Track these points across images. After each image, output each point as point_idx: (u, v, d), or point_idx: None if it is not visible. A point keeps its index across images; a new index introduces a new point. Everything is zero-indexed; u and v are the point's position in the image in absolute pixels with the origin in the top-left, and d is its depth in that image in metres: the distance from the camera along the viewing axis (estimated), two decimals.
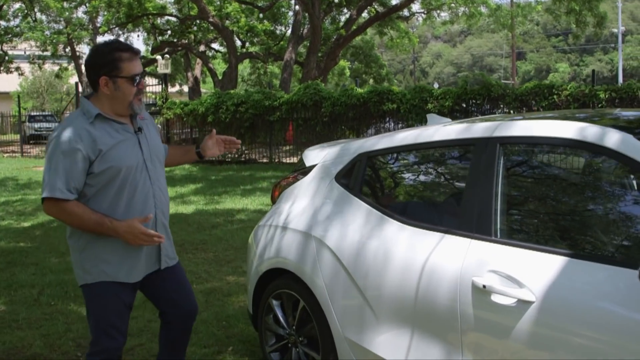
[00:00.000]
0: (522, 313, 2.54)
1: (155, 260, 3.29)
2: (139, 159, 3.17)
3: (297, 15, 25.95)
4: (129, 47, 3.16)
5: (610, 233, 2.63)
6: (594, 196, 2.75)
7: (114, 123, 3.13)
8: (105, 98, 3.11)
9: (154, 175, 3.25)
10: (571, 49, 77.95)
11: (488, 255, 2.75)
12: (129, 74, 3.08)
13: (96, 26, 30.77)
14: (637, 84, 13.60)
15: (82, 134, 3.02)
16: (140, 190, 3.17)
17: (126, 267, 3.17)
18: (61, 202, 3.01)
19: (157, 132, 3.45)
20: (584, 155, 2.79)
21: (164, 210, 3.30)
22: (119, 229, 3.03)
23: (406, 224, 3.17)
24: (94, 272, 3.14)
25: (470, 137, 3.08)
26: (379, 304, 3.17)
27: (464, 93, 15.20)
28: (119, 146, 3.10)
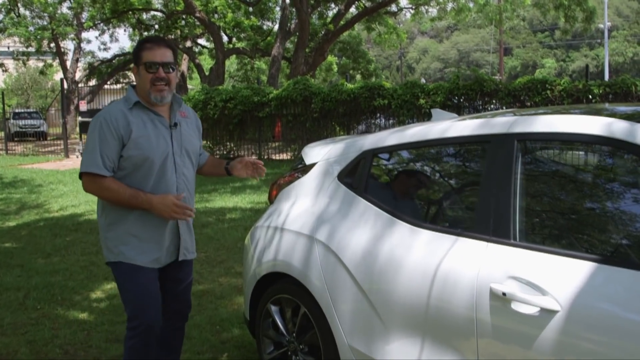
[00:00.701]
0: (545, 323, 2.37)
1: (174, 251, 3.42)
2: (167, 151, 3.32)
3: (285, 10, 25.75)
4: (155, 38, 3.43)
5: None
6: (621, 196, 2.57)
7: (151, 113, 3.31)
8: (138, 88, 3.34)
9: (181, 169, 3.39)
10: (557, 45, 78.07)
11: (507, 260, 2.57)
12: (146, 61, 3.25)
13: (81, 22, 30.46)
14: (631, 79, 13.49)
15: (118, 117, 3.22)
16: (164, 182, 3.31)
17: (147, 251, 3.32)
18: (98, 178, 3.20)
19: (196, 132, 3.59)
20: (611, 153, 2.61)
21: (187, 203, 3.35)
22: (153, 201, 3.21)
23: (417, 227, 2.98)
24: (116, 251, 3.32)
25: (485, 134, 2.89)
26: (388, 311, 2.99)
27: (455, 88, 15.04)
28: (149, 136, 3.26)
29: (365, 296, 3.09)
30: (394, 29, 30.76)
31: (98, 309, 5.55)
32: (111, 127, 3.19)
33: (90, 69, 33.43)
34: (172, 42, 4.25)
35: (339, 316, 3.22)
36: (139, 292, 3.33)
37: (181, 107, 3.46)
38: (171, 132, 3.36)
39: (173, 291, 3.54)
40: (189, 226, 3.49)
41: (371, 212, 3.23)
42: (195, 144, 3.53)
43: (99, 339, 4.84)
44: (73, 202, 11.59)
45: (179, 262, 3.47)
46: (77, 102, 29.91)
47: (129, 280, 3.34)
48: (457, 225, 2.94)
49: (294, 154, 17.50)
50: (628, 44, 71.07)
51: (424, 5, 29.04)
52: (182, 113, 3.48)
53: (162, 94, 3.29)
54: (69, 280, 6.44)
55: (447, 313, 2.71)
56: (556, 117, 2.73)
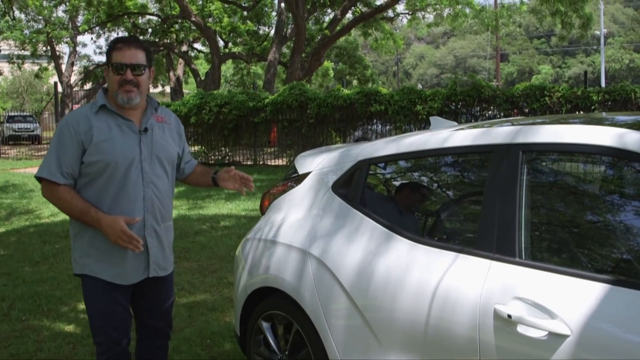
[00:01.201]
0: (554, 348, 2.20)
1: (145, 267, 3.20)
2: (133, 157, 3.10)
3: (281, 15, 25.61)
4: (127, 38, 3.22)
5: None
6: (635, 212, 2.41)
7: (119, 118, 3.13)
8: (108, 89, 3.16)
9: (150, 177, 3.16)
10: (553, 51, 78.14)
11: (512, 280, 2.41)
12: (114, 61, 3.09)
13: (76, 25, 30.31)
14: (630, 86, 13.36)
15: (80, 120, 3.06)
16: (128, 190, 3.10)
17: (109, 266, 3.12)
18: (52, 185, 3.04)
19: (176, 139, 3.38)
20: (623, 165, 2.45)
21: (157, 216, 3.20)
22: (102, 221, 2.99)
23: (415, 242, 2.82)
24: (80, 263, 3.15)
25: (488, 144, 2.73)
26: (385, 329, 2.82)
27: (453, 94, 14.90)
28: (113, 141, 3.07)
29: (360, 314, 2.92)
30: (390, 34, 30.65)
31: (85, 321, 5.37)
32: (72, 131, 3.03)
33: (86, 72, 33.23)
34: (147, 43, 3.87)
35: (333, 334, 3.06)
36: (100, 309, 3.16)
37: (158, 112, 3.28)
38: (140, 138, 3.15)
39: (151, 309, 3.36)
40: (160, 240, 3.23)
41: (367, 225, 3.07)
42: (172, 151, 3.30)
43: (84, 352, 4.67)
44: None
45: (154, 279, 3.25)
46: (72, 105, 29.74)
47: (91, 296, 3.18)
48: (458, 241, 2.78)
49: (290, 160, 17.35)
50: (624, 50, 71.17)
51: (421, 10, 28.93)
52: (158, 118, 3.27)
53: (129, 95, 3.09)
54: (56, 290, 6.26)
55: (448, 333, 2.54)
56: (564, 127, 2.57)
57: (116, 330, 3.17)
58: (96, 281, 3.12)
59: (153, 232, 3.18)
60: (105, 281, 3.12)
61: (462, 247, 2.64)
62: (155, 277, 3.24)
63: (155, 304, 3.35)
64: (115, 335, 3.17)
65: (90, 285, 3.15)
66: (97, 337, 3.20)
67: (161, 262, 3.25)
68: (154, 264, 3.21)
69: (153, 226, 3.18)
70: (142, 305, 3.33)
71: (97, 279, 3.12)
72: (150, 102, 3.24)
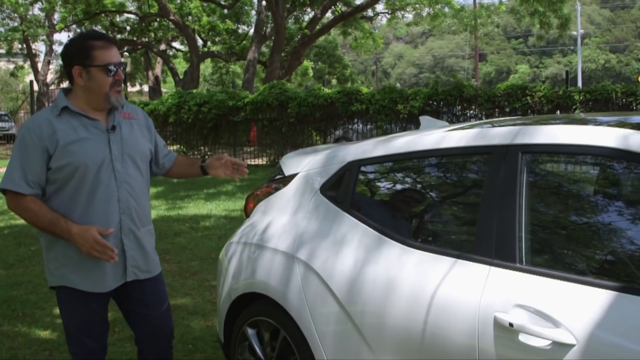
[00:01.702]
0: (559, 358, 2.10)
1: (123, 272, 3.04)
2: (103, 157, 2.95)
3: (260, 14, 25.45)
4: (103, 35, 3.04)
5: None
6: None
7: (83, 118, 2.96)
8: (80, 90, 2.97)
9: (123, 177, 3.01)
10: (531, 51, 78.77)
11: (512, 287, 2.30)
12: (103, 62, 2.91)
13: (53, 23, 29.92)
14: (611, 86, 13.39)
15: (42, 125, 2.89)
16: (101, 192, 2.94)
17: (87, 274, 2.95)
18: (18, 196, 2.87)
19: (146, 134, 3.23)
20: (628, 168, 2.35)
21: (134, 217, 3.05)
22: (72, 231, 2.83)
23: (410, 247, 2.70)
24: (57, 274, 2.98)
25: (485, 145, 2.63)
26: (377, 338, 2.70)
27: (434, 94, 14.85)
28: (81, 142, 2.91)
29: (351, 320, 2.80)
30: (370, 33, 30.62)
31: (61, 327, 5.15)
32: (34, 137, 2.86)
33: (62, 71, 32.86)
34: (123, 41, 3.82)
35: (322, 341, 2.94)
36: (76, 319, 3.02)
37: (124, 108, 3.12)
38: (109, 137, 2.99)
39: (141, 315, 3.17)
40: (139, 241, 3.07)
41: (358, 229, 2.94)
42: (144, 147, 3.15)
43: (61, 359, 4.52)
44: None
45: (139, 282, 3.09)
46: (47, 104, 29.35)
47: (67, 307, 3.03)
48: (455, 246, 2.66)
49: (270, 159, 17.22)
50: (600, 51, 71.94)
51: (400, 10, 28.92)
52: (125, 114, 3.11)
53: (120, 95, 3.00)
54: (32, 294, 6.08)
55: (444, 342, 2.43)
56: (565, 128, 2.47)
57: (93, 341, 3.06)
58: (73, 291, 2.97)
59: (131, 234, 3.03)
60: (82, 291, 2.97)
61: (459, 253, 2.53)
62: (140, 280, 3.08)
63: (148, 308, 3.16)
64: (91, 345, 3.05)
65: (66, 296, 3.00)
66: (72, 347, 3.08)
67: (142, 265, 3.09)
68: (133, 267, 3.05)
69: (130, 228, 3.03)
70: (135, 312, 3.17)
71: (71, 290, 2.97)
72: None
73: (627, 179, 2.40)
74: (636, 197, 2.37)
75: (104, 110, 3.01)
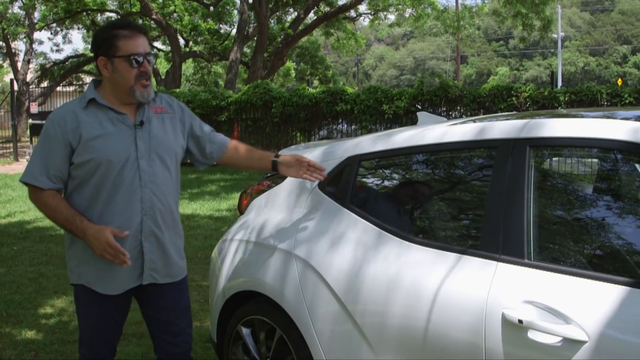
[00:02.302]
0: (570, 355, 2.05)
1: (139, 275, 2.87)
2: (128, 155, 2.77)
3: (243, 14, 25.32)
4: (130, 23, 2.85)
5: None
6: None
7: (110, 112, 2.79)
8: (107, 82, 2.82)
9: (149, 176, 2.82)
10: (511, 54, 79.15)
11: (520, 282, 2.25)
12: (126, 52, 2.73)
13: (33, 22, 29.61)
14: (596, 87, 13.47)
15: (67, 118, 2.75)
16: (123, 192, 2.78)
17: (103, 275, 2.82)
18: (37, 190, 2.77)
19: (177, 128, 3.00)
20: (638, 161, 2.32)
21: (157, 219, 2.85)
22: (87, 231, 2.69)
23: (413, 243, 2.65)
24: (76, 272, 2.88)
25: (492, 138, 2.58)
26: (378, 336, 2.65)
27: (420, 94, 14.85)
28: (105, 138, 2.75)
29: (351, 318, 2.74)
30: (352, 34, 30.61)
31: (47, 327, 5.10)
32: (57, 130, 2.72)
33: (42, 70, 32.53)
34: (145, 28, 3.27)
35: (320, 340, 2.88)
36: (90, 321, 2.92)
37: (157, 102, 2.93)
38: (136, 132, 2.80)
39: (158, 321, 3.01)
40: (161, 244, 2.88)
41: (359, 225, 2.88)
42: (174, 145, 2.94)
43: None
44: (22, 207, 11.00)
45: (159, 286, 2.92)
46: (28, 104, 29.03)
47: (83, 307, 2.93)
48: (460, 242, 2.61)
49: None
50: (580, 54, 72.46)
51: (383, 11, 28.95)
52: (157, 108, 2.91)
53: (147, 90, 2.79)
54: (16, 294, 5.95)
55: (449, 340, 2.38)
56: (574, 121, 2.43)
57: (103, 345, 2.95)
58: (90, 291, 2.86)
59: (152, 237, 2.84)
60: (100, 293, 2.85)
61: (464, 248, 2.48)
62: (160, 284, 2.91)
63: (167, 315, 2.99)
64: (101, 350, 2.95)
65: (84, 296, 2.89)
66: (82, 348, 2.97)
67: (161, 268, 2.90)
68: (151, 270, 2.87)
69: (152, 230, 2.84)
70: (153, 317, 3.01)
71: (89, 289, 2.85)
72: None
73: (637, 172, 2.36)
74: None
75: (132, 104, 2.84)
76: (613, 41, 73.27)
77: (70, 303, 5.69)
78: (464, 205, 2.88)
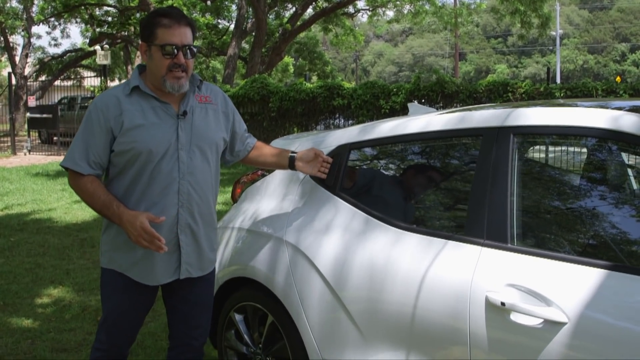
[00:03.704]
0: (550, 336, 2.12)
1: (176, 268, 2.84)
2: (168, 145, 2.73)
3: (241, 9, 25.33)
4: (172, 13, 2.74)
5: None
6: (632, 195, 2.34)
7: (154, 100, 2.76)
8: (147, 69, 2.79)
9: (188, 168, 2.78)
10: (510, 51, 79.21)
11: (504, 266, 2.31)
12: (162, 42, 2.68)
13: (31, 16, 29.57)
14: (592, 83, 13.52)
15: (110, 104, 2.71)
16: (159, 182, 2.74)
17: (137, 263, 2.79)
18: (76, 176, 2.74)
19: (219, 120, 2.94)
20: (619, 148, 2.38)
21: (194, 211, 2.82)
22: (123, 217, 2.65)
23: (401, 229, 2.70)
24: (107, 256, 2.85)
25: (476, 127, 2.63)
26: (368, 321, 2.71)
27: (416, 89, 14.89)
28: (146, 127, 2.71)
29: (341, 304, 2.80)
30: (351, 30, 30.63)
31: (44, 315, 5.16)
32: (100, 116, 2.68)
33: (40, 64, 32.53)
34: (192, 19, 3.08)
35: (312, 326, 2.94)
36: (117, 310, 2.88)
37: (202, 91, 2.88)
38: (178, 123, 2.76)
39: (180, 312, 2.99)
40: (196, 238, 2.85)
41: (349, 212, 2.94)
42: (216, 137, 2.88)
43: (44, 348, 4.46)
44: (19, 200, 11.05)
45: (189, 279, 2.88)
46: (26, 98, 29.04)
47: (110, 294, 2.89)
48: (446, 228, 2.67)
49: None
50: (578, 51, 72.49)
51: (381, 7, 28.98)
52: (201, 98, 2.86)
53: (179, 82, 2.71)
54: (13, 284, 6.01)
55: (436, 323, 2.44)
56: (556, 110, 2.49)
57: (122, 334, 2.93)
58: (119, 277, 2.83)
59: (188, 229, 2.81)
60: (129, 280, 2.82)
61: (450, 234, 2.54)
62: (192, 277, 2.89)
63: (184, 306, 2.98)
64: (119, 338, 2.93)
65: (112, 281, 2.86)
66: (101, 333, 2.93)
67: (195, 262, 2.87)
68: (187, 264, 2.84)
69: (188, 222, 2.81)
70: (176, 307, 2.99)
71: (119, 274, 2.82)
72: (191, 80, 2.85)
73: (620, 159, 2.42)
74: (628, 177, 2.39)
75: (173, 93, 2.79)
76: (612, 39, 73.32)
77: (66, 292, 5.75)
78: (452, 192, 2.94)
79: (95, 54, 24.34)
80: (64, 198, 11.20)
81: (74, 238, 8.07)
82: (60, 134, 21.04)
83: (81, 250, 7.43)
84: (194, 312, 2.99)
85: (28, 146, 20.99)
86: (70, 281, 6.11)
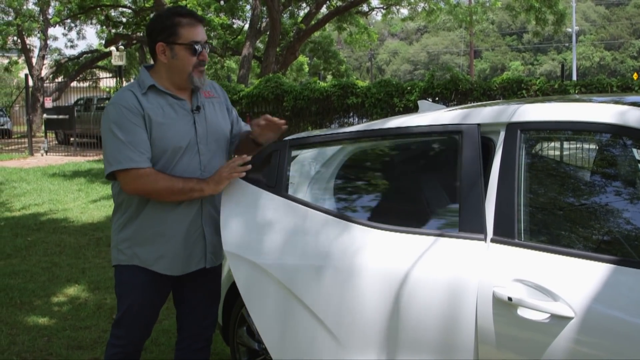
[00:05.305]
0: (557, 331, 2.13)
1: (201, 257, 2.94)
2: (189, 140, 2.84)
3: (255, 9, 25.40)
4: (191, 12, 2.88)
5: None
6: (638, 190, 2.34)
7: (170, 97, 2.85)
8: (163, 68, 2.84)
9: (206, 160, 2.90)
10: (525, 48, 78.79)
11: (510, 262, 2.32)
12: (188, 40, 2.79)
13: (47, 17, 29.80)
14: (606, 80, 13.42)
15: (130, 102, 2.75)
16: (184, 175, 2.82)
17: (161, 256, 2.87)
18: (140, 172, 2.72)
19: (224, 112, 3.08)
20: (627, 144, 2.38)
21: (215, 203, 2.95)
22: (208, 181, 2.80)
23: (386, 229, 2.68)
24: (128, 253, 2.89)
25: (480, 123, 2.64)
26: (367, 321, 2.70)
27: (430, 87, 14.86)
28: (169, 125, 2.80)
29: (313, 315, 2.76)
30: (365, 28, 30.60)
31: (59, 314, 5.22)
32: (127, 112, 2.72)
33: (57, 66, 32.76)
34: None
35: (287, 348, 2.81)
36: (136, 308, 2.93)
37: (204, 86, 2.97)
38: (194, 117, 2.88)
39: (191, 303, 3.08)
40: (217, 228, 2.92)
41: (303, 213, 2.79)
42: (225, 128, 3.02)
43: (59, 345, 4.52)
44: (36, 200, 11.16)
45: (202, 272, 2.98)
46: (42, 99, 29.29)
47: (131, 290, 2.92)
48: (450, 225, 2.68)
49: None
50: (595, 48, 71.95)
51: (395, 5, 28.92)
52: (206, 93, 2.97)
53: (203, 76, 2.85)
54: (29, 283, 6.09)
55: (445, 319, 2.45)
56: (563, 105, 2.49)
57: (139, 330, 3.00)
58: (140, 272, 2.88)
59: (210, 220, 2.93)
60: (147, 272, 2.88)
61: (454, 230, 2.54)
62: (202, 269, 2.97)
63: (200, 297, 3.08)
64: (136, 334, 3.00)
65: (133, 276, 2.89)
66: (118, 329, 2.98)
67: (218, 251, 2.99)
68: (211, 253, 2.96)
69: (211, 214, 2.93)
70: (189, 300, 3.07)
71: (139, 270, 2.87)
72: None
73: (628, 154, 2.43)
74: (634, 174, 2.39)
75: (186, 89, 2.90)
76: (628, 35, 72.71)
77: (82, 291, 5.81)
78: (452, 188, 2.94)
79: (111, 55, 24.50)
80: (80, 198, 11.30)
81: (90, 237, 8.15)
82: (76, 134, 21.19)
83: (97, 249, 7.49)
84: (204, 303, 3.08)
85: (45, 147, 21.14)
86: (86, 280, 6.17)
